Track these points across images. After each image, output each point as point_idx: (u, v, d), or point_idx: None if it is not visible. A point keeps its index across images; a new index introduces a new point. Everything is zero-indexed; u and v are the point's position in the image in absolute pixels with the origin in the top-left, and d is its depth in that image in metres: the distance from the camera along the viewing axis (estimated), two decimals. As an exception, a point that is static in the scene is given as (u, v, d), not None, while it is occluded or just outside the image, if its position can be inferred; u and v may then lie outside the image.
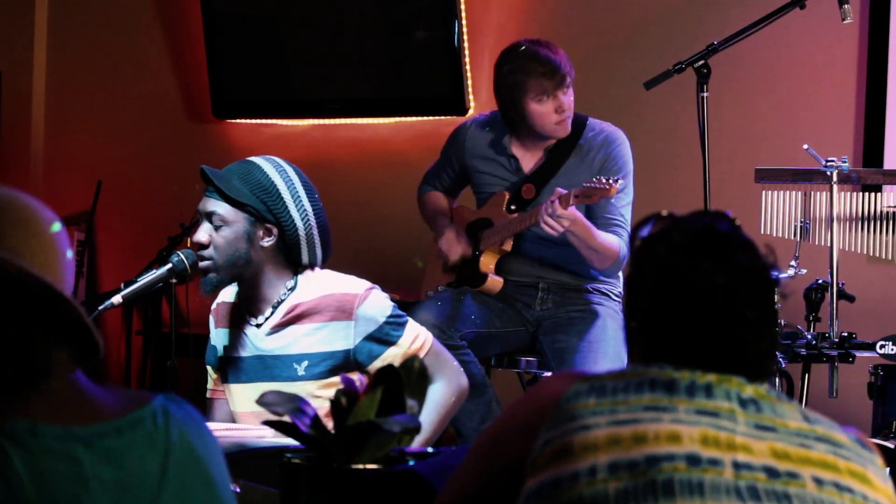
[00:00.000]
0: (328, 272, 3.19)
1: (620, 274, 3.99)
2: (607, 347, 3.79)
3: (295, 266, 3.17)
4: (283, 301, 3.13)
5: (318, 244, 3.18)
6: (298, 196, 3.15)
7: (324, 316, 3.09)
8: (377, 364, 3.07)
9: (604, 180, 3.56)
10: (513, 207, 3.96)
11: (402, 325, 3.13)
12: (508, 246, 3.98)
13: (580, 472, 1.55)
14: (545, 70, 3.87)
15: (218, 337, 3.25)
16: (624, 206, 3.87)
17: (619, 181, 3.60)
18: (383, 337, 3.09)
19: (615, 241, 3.81)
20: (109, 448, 1.53)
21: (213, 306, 3.28)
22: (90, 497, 1.51)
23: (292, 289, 3.14)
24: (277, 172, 3.14)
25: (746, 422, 1.58)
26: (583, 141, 3.94)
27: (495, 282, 3.97)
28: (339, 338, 3.08)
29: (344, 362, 3.08)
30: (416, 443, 3.03)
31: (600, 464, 1.54)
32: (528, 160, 4.01)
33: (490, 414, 3.87)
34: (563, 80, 3.87)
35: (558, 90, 3.86)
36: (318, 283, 3.14)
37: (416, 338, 3.13)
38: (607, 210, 3.82)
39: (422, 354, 3.11)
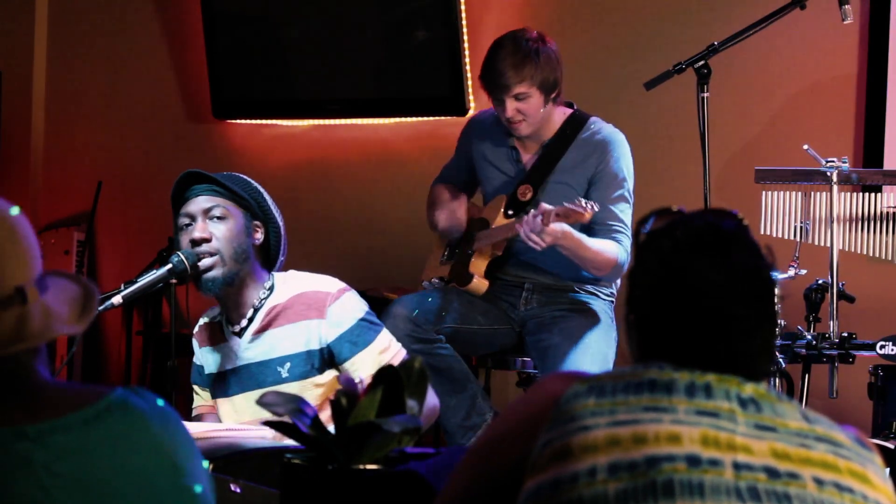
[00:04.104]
0: (303, 273, 3.22)
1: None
2: (590, 346, 3.77)
3: (269, 268, 3.20)
4: (262, 303, 3.15)
5: (286, 248, 3.24)
6: (272, 201, 3.22)
7: (297, 315, 3.11)
8: (347, 366, 3.10)
9: (583, 203, 3.52)
10: (510, 212, 3.95)
11: (375, 330, 3.15)
12: (500, 250, 3.97)
13: (580, 473, 1.55)
14: (487, 75, 3.88)
15: (203, 357, 3.27)
16: (623, 212, 3.84)
17: (595, 205, 3.55)
18: (354, 338, 3.11)
19: (611, 248, 3.77)
20: (62, 444, 1.53)
21: (195, 330, 3.31)
22: (48, 493, 1.51)
23: (270, 289, 3.16)
24: (252, 180, 3.22)
25: (746, 422, 1.58)
26: (579, 140, 3.92)
27: (480, 283, 3.96)
28: (313, 336, 3.10)
29: (320, 360, 3.10)
30: None
31: (600, 465, 1.54)
32: (525, 153, 4.01)
33: (475, 408, 3.85)
34: (502, 90, 3.83)
35: (501, 96, 3.85)
36: (293, 284, 3.17)
37: (387, 347, 3.15)
38: (607, 216, 3.80)
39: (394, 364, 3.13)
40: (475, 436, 3.83)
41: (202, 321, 3.31)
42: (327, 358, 3.11)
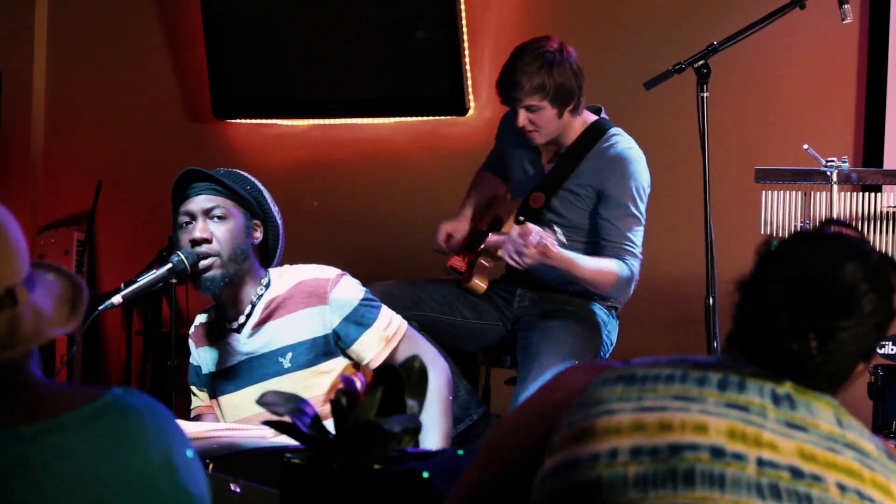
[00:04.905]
0: (296, 265, 3.24)
1: None
2: (566, 348, 3.76)
3: (267, 265, 3.22)
4: (259, 299, 3.15)
5: (282, 245, 3.26)
6: (272, 199, 3.23)
7: (298, 304, 3.12)
8: (356, 347, 3.11)
9: (552, 232, 3.50)
10: (521, 218, 3.96)
11: (376, 308, 3.18)
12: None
13: (601, 454, 1.55)
14: (501, 84, 3.87)
15: (200, 356, 3.27)
16: (632, 230, 3.82)
17: (559, 234, 3.53)
18: (359, 319, 3.13)
19: (610, 266, 3.74)
20: (59, 444, 1.52)
21: (191, 330, 3.32)
22: (46, 494, 1.50)
23: (267, 285, 3.17)
24: (252, 178, 3.23)
25: (777, 419, 1.57)
26: (595, 150, 3.89)
27: (478, 285, 3.98)
28: (316, 323, 3.12)
29: (325, 347, 3.11)
30: (438, 438, 3.07)
31: (622, 447, 1.54)
32: (546, 156, 4.00)
33: (456, 399, 3.83)
34: (513, 101, 3.82)
35: (514, 106, 3.84)
36: (289, 275, 3.19)
37: (389, 322, 3.18)
38: (615, 234, 3.80)
39: (398, 339, 3.17)
40: (455, 429, 3.83)
41: (198, 322, 3.31)
42: (333, 343, 3.12)
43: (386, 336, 3.15)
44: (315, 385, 3.09)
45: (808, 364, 1.60)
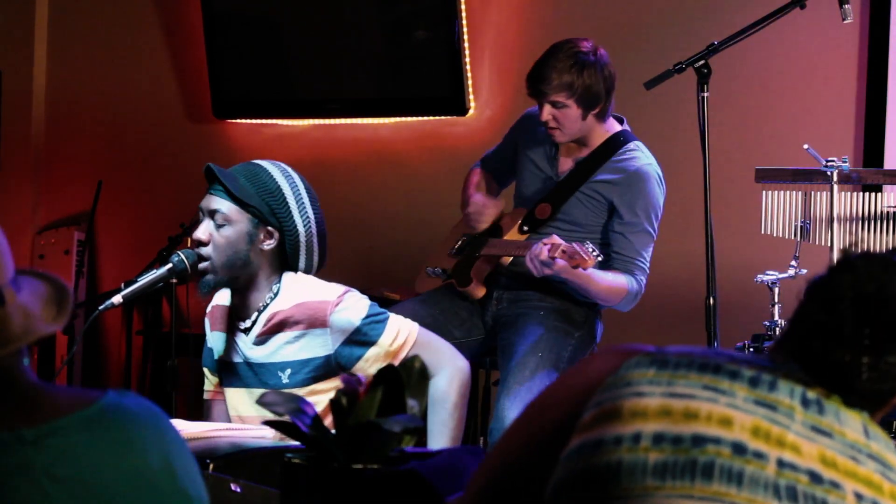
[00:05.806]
0: (307, 278, 3.17)
1: None
2: (540, 346, 3.77)
3: (291, 269, 3.17)
4: (266, 307, 3.12)
5: (315, 252, 3.18)
6: (303, 202, 3.15)
7: (300, 325, 3.08)
8: (360, 365, 3.07)
9: (589, 250, 3.52)
10: (525, 228, 3.95)
11: (382, 322, 3.10)
12: (506, 261, 3.97)
13: (624, 437, 1.55)
14: (531, 76, 3.87)
15: (214, 340, 3.26)
16: (643, 246, 3.83)
17: (601, 255, 3.57)
18: (361, 339, 3.07)
19: (621, 282, 3.78)
20: (60, 447, 1.52)
21: (209, 309, 3.28)
22: (50, 498, 1.50)
23: (276, 294, 3.13)
24: (284, 177, 3.15)
25: (804, 421, 1.56)
26: (612, 162, 3.89)
27: (478, 289, 3.97)
28: (317, 345, 3.08)
29: (325, 368, 3.08)
30: (443, 445, 3.05)
31: (646, 432, 1.55)
32: (564, 158, 3.98)
33: None
34: (540, 94, 3.83)
35: (540, 100, 3.84)
36: (295, 291, 3.12)
37: (397, 334, 3.10)
38: (626, 249, 3.81)
39: (406, 350, 3.09)
40: None
41: (216, 301, 3.27)
42: (334, 364, 3.09)
43: (390, 351, 3.07)
44: (312, 402, 3.07)
45: (854, 378, 1.60)
